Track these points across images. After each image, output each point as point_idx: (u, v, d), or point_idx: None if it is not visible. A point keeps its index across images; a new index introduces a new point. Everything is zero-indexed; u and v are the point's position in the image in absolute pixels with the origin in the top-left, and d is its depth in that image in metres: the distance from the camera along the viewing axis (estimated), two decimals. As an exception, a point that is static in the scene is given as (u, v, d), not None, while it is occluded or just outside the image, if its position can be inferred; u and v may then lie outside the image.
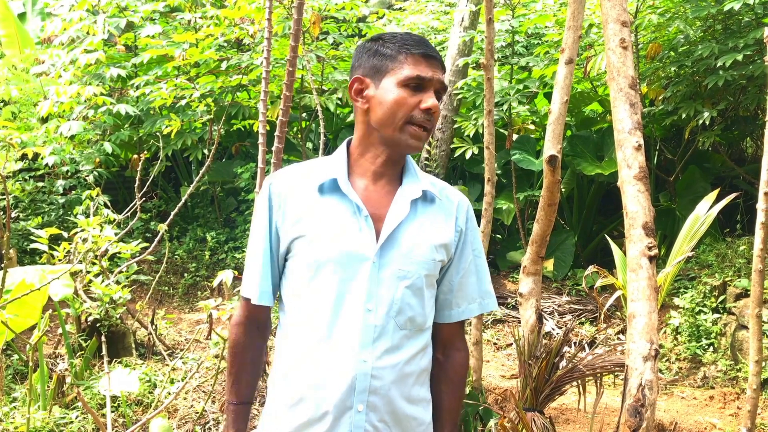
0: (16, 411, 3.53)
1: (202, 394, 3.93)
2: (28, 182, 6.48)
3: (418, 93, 1.50)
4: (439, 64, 1.53)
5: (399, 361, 1.50)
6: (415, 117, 1.49)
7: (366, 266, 1.49)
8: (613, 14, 2.01)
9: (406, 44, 1.51)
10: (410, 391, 1.53)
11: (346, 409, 1.47)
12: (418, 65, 1.50)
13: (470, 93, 6.35)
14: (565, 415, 4.27)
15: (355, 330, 1.48)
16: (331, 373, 1.48)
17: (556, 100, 3.15)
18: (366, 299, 1.48)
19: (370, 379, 1.47)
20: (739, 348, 4.64)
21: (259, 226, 1.60)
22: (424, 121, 1.50)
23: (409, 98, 1.49)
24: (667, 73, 6.02)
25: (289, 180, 1.59)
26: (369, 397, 1.47)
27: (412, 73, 1.49)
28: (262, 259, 1.59)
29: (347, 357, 1.47)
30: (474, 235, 1.66)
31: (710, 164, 6.85)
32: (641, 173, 1.90)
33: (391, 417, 1.50)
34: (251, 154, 7.26)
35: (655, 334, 1.80)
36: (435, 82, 1.50)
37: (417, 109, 1.49)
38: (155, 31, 6.21)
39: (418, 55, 1.50)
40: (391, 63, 1.51)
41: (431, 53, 1.51)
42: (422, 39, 1.53)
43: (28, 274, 3.57)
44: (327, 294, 1.50)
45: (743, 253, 5.33)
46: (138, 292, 5.93)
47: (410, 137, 1.51)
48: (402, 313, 1.51)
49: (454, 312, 1.64)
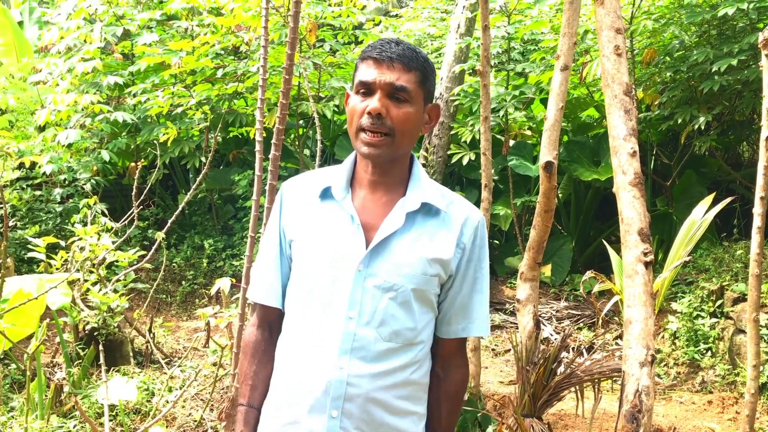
0: (13, 420, 3.52)
1: (200, 402, 3.93)
2: (26, 191, 6.48)
3: (367, 98, 1.48)
4: (396, 64, 1.46)
5: (380, 372, 1.48)
6: (362, 123, 1.47)
7: (350, 274, 1.49)
8: (607, 21, 2.02)
9: (366, 50, 1.50)
10: (395, 403, 1.51)
11: (320, 414, 1.47)
12: (366, 70, 1.48)
13: (467, 99, 6.36)
14: (564, 421, 4.27)
15: (335, 337, 1.48)
16: (308, 378, 1.49)
17: (552, 106, 3.16)
18: (348, 307, 1.48)
19: (346, 386, 1.46)
20: (737, 352, 4.64)
21: (270, 230, 1.63)
22: (370, 126, 1.46)
23: (357, 105, 1.49)
24: (663, 79, 6.04)
25: (298, 186, 1.61)
26: (344, 404, 1.47)
27: (359, 79, 1.49)
28: (274, 261, 1.61)
29: (324, 362, 1.48)
30: (481, 254, 1.59)
31: (707, 169, 6.87)
32: (636, 179, 1.91)
33: (369, 426, 1.49)
34: (248, 161, 7.26)
35: (651, 339, 1.80)
36: (381, 84, 1.46)
37: (364, 114, 1.47)
38: (152, 39, 6.22)
39: (371, 60, 1.48)
40: (355, 72, 1.52)
41: (387, 56, 1.46)
42: (386, 42, 1.49)
43: (25, 283, 3.56)
44: (314, 299, 1.52)
45: (740, 258, 5.33)
46: (136, 300, 5.92)
47: (361, 144, 1.49)
48: (385, 325, 1.49)
49: (452, 329, 1.60)
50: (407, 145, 1.52)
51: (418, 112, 1.50)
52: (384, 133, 1.47)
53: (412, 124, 1.49)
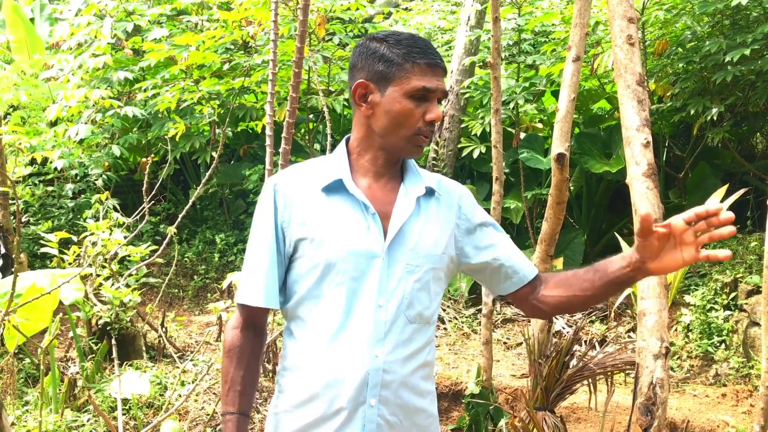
0: (28, 414, 3.55)
1: (212, 395, 3.94)
2: (38, 187, 6.52)
3: (423, 104, 1.50)
4: (442, 72, 1.52)
5: (408, 354, 1.53)
6: (421, 128, 1.51)
7: (377, 263, 1.51)
8: (620, 11, 2.00)
9: (413, 52, 1.49)
10: (418, 384, 1.56)
11: (360, 404, 1.49)
12: (424, 75, 1.49)
13: (477, 92, 6.33)
14: (576, 414, 4.26)
15: (367, 326, 1.49)
16: (344, 370, 1.49)
17: (564, 98, 3.14)
18: (378, 295, 1.50)
19: (382, 374, 1.49)
20: (751, 345, 4.61)
21: (263, 228, 1.56)
22: (427, 132, 1.52)
23: (415, 110, 1.50)
24: (675, 70, 5.99)
25: (293, 180, 1.57)
26: (381, 391, 1.50)
27: (419, 84, 1.49)
28: (269, 261, 1.55)
29: (360, 353, 1.49)
30: (485, 214, 1.67)
31: (720, 160, 6.81)
32: (650, 170, 1.89)
33: (402, 410, 1.53)
34: (259, 156, 7.27)
35: (665, 331, 1.79)
36: (439, 92, 1.51)
37: (422, 120, 1.51)
38: (162, 34, 6.23)
39: (425, 65, 1.49)
40: (397, 71, 1.49)
41: (437, 62, 1.51)
42: (428, 45, 1.52)
43: (38, 278, 3.58)
44: (338, 293, 1.51)
45: (754, 249, 5.29)
46: (148, 294, 5.95)
47: (414, 146, 1.53)
48: (412, 307, 1.53)
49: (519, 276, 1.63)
50: None
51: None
52: (431, 137, 1.58)
53: None
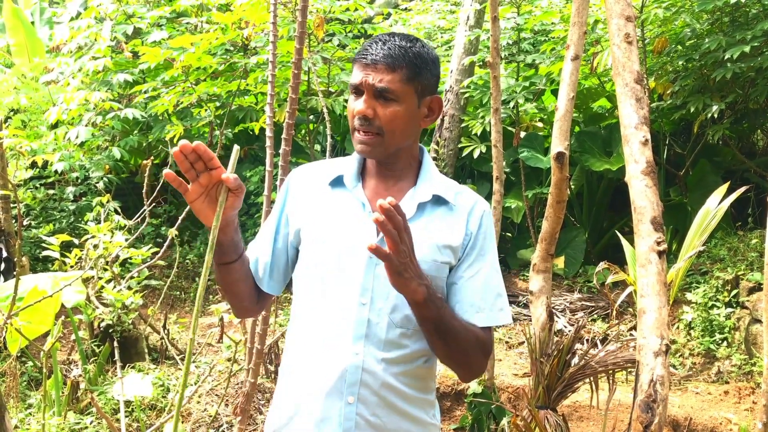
0: (31, 417, 3.56)
1: (215, 397, 3.95)
2: (39, 190, 6.52)
3: (358, 99, 1.52)
4: (379, 65, 1.48)
5: (393, 358, 1.50)
6: (355, 124, 1.53)
7: (362, 261, 1.51)
8: (617, 9, 2.00)
9: (359, 52, 1.53)
10: (408, 391, 1.52)
11: (337, 401, 1.49)
12: (359, 72, 1.51)
13: (477, 91, 6.33)
14: (578, 413, 4.26)
15: (349, 323, 1.50)
16: (323, 364, 1.51)
17: (563, 97, 3.15)
18: (360, 293, 1.50)
19: (361, 372, 1.48)
20: (753, 342, 4.61)
21: (272, 215, 1.66)
22: (360, 127, 1.52)
23: (350, 106, 1.54)
24: (675, 67, 5.99)
25: (307, 173, 1.65)
26: (360, 389, 1.48)
27: (352, 81, 1.52)
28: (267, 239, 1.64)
29: (339, 349, 1.50)
30: (486, 242, 1.57)
31: (720, 158, 6.80)
32: (648, 168, 1.89)
33: (385, 413, 1.50)
34: (259, 157, 7.27)
35: (665, 329, 1.79)
36: (366, 86, 1.49)
37: (355, 115, 1.52)
38: (162, 36, 6.23)
39: (361, 63, 1.51)
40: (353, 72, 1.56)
41: (374, 58, 1.49)
42: (374, 42, 1.51)
43: (40, 281, 3.58)
44: (325, 286, 1.53)
45: (755, 247, 5.29)
46: (150, 297, 5.95)
47: (357, 143, 1.54)
48: (398, 310, 1.50)
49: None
50: (400, 141, 1.54)
51: (408, 109, 1.51)
52: (374, 132, 1.51)
53: (402, 122, 1.51)
